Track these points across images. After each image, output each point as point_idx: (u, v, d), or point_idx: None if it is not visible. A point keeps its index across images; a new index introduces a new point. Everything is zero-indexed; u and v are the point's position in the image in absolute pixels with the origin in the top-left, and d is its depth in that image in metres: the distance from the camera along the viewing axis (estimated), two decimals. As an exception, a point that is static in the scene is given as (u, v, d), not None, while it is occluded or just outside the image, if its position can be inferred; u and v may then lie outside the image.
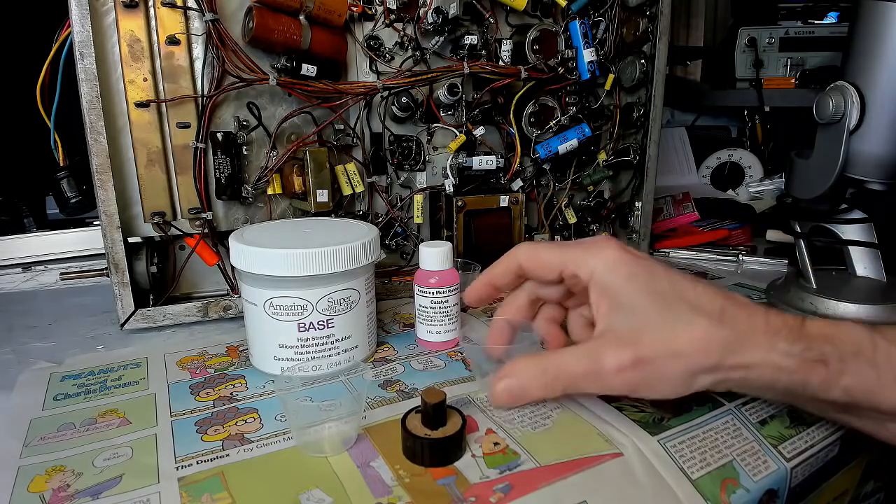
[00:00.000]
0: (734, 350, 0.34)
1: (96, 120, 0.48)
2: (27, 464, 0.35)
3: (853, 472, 0.46)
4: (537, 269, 0.41)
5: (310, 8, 0.51)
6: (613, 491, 0.33)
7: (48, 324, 0.58)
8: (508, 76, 0.60)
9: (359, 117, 0.58)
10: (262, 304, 0.44)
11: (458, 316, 0.51)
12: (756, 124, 1.14)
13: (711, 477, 0.35)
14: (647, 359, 0.34)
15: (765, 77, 1.09)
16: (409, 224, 0.64)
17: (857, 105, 0.53)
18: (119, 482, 0.34)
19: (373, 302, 0.48)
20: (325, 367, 0.45)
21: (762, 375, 0.34)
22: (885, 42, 0.52)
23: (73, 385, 0.45)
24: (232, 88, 0.51)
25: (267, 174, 0.55)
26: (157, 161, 0.52)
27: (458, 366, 0.48)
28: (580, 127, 0.65)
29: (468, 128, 0.62)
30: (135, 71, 0.50)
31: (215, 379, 0.46)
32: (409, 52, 0.58)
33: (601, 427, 0.38)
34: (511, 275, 0.42)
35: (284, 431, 0.38)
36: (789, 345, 0.33)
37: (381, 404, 0.41)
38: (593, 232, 0.72)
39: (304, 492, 0.32)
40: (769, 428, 0.40)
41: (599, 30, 0.65)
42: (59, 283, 0.69)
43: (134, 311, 0.53)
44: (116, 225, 0.51)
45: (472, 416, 0.39)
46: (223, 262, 0.56)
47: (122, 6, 0.49)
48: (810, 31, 1.07)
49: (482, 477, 0.33)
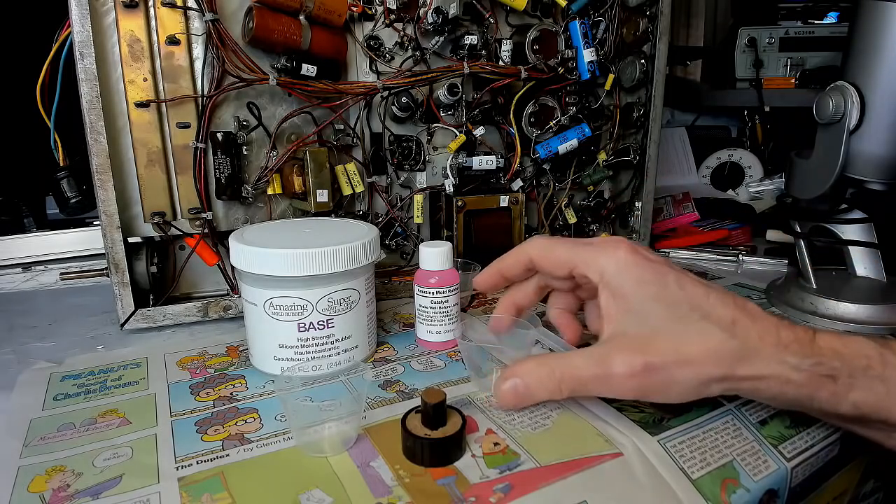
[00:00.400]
0: (744, 361, 0.34)
1: (96, 120, 0.48)
2: (27, 464, 0.35)
3: (853, 471, 0.46)
4: (548, 265, 0.41)
5: (310, 8, 0.51)
6: (613, 491, 0.33)
7: (48, 324, 0.58)
8: (508, 76, 0.60)
9: (359, 117, 0.58)
10: (262, 304, 0.44)
11: (458, 316, 0.51)
12: (756, 124, 1.14)
13: (711, 477, 0.35)
14: (657, 365, 0.34)
15: (765, 77, 1.09)
16: (409, 224, 0.64)
17: (857, 105, 0.53)
18: (119, 482, 0.34)
19: (373, 302, 0.48)
20: (325, 367, 0.45)
21: (771, 387, 0.34)
22: (885, 42, 0.52)
23: (73, 385, 0.45)
24: (232, 88, 0.51)
25: (267, 174, 0.55)
26: (157, 161, 0.52)
27: (458, 366, 0.48)
28: (580, 127, 0.65)
29: (468, 128, 0.62)
30: (135, 71, 0.50)
31: (215, 379, 0.46)
32: (409, 52, 0.58)
33: (601, 427, 0.38)
34: (521, 267, 0.43)
35: (284, 431, 0.38)
36: (799, 359, 0.34)
37: (381, 404, 0.41)
38: (593, 232, 0.72)
39: (304, 492, 0.32)
40: (769, 428, 0.40)
41: (599, 30, 0.65)
42: (59, 283, 0.69)
43: (134, 311, 0.53)
44: (116, 225, 0.51)
45: (472, 416, 0.39)
46: (223, 262, 0.56)
47: (122, 6, 0.49)
48: (810, 31, 1.07)
49: (482, 477, 0.33)
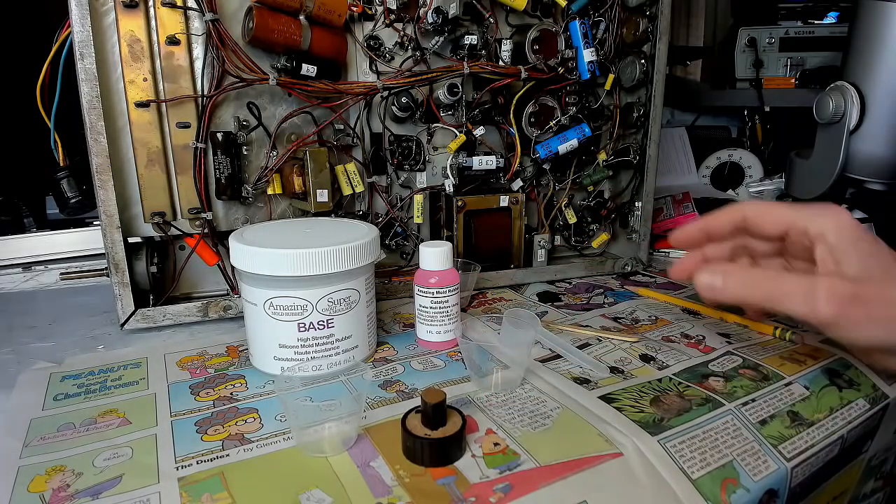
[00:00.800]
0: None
1: (96, 120, 0.49)
2: (27, 464, 0.35)
3: (853, 471, 0.46)
4: (765, 222, 0.43)
5: (310, 8, 0.51)
6: (613, 491, 0.33)
7: (48, 324, 0.58)
8: (508, 76, 0.60)
9: (359, 117, 0.58)
10: (262, 304, 0.44)
11: (458, 316, 0.51)
12: (756, 124, 1.14)
13: (711, 477, 0.35)
14: (864, 297, 0.37)
15: (765, 77, 1.09)
16: (409, 224, 0.64)
17: (857, 105, 0.53)
18: (119, 482, 0.34)
19: (373, 302, 0.48)
20: (325, 367, 0.45)
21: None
22: (885, 42, 0.52)
23: (73, 385, 0.45)
24: (232, 88, 0.51)
25: (267, 174, 0.55)
26: (157, 161, 0.52)
27: (458, 366, 0.48)
28: (580, 127, 0.65)
29: (468, 128, 0.62)
30: (135, 71, 0.50)
31: (215, 379, 0.46)
32: (409, 52, 0.58)
33: (601, 427, 0.38)
34: (731, 225, 0.45)
35: (284, 431, 0.38)
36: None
37: (381, 404, 0.41)
38: (593, 232, 0.72)
39: (304, 492, 0.32)
40: (769, 428, 0.40)
41: (599, 30, 0.65)
42: (59, 283, 0.69)
43: (134, 311, 0.53)
44: (116, 225, 0.51)
45: (472, 416, 0.39)
46: (223, 262, 0.56)
47: (122, 6, 0.49)
48: (810, 31, 1.07)
49: (482, 477, 0.33)
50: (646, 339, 0.52)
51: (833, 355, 0.48)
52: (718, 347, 0.50)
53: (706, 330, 0.54)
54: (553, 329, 0.54)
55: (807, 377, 0.45)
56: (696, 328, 0.54)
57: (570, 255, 0.73)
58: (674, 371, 0.46)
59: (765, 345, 0.51)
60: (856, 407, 0.43)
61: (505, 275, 0.66)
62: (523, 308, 0.61)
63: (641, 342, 0.51)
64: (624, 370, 0.47)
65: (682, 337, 0.53)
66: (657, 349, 0.50)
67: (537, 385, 0.44)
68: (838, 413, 0.42)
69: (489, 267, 0.65)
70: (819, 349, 0.49)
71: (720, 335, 0.52)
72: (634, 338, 0.52)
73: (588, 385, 0.44)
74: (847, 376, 0.46)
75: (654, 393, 0.43)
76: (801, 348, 0.50)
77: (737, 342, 0.51)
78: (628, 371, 0.46)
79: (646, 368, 0.47)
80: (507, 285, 0.67)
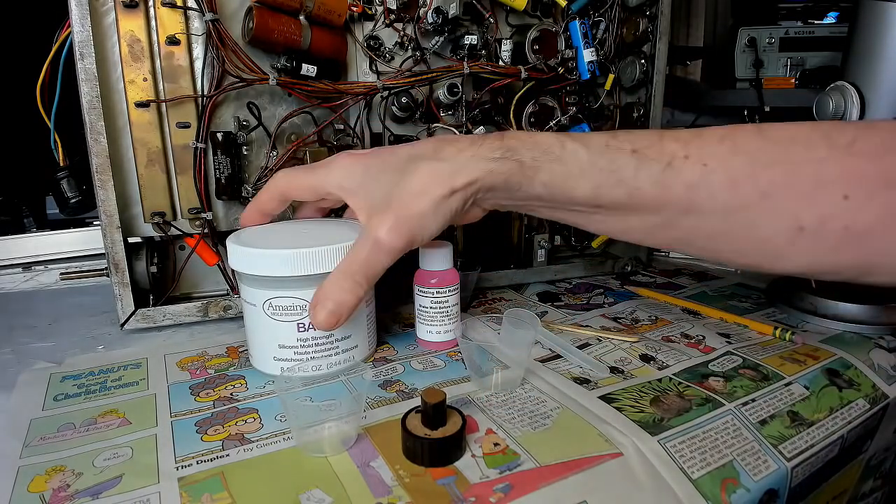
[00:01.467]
0: (457, 173, 0.40)
1: (96, 120, 0.48)
2: (27, 464, 0.35)
3: (852, 471, 0.46)
4: (297, 194, 0.46)
5: (310, 8, 0.51)
6: (613, 491, 0.33)
7: (48, 324, 0.58)
8: (508, 76, 0.60)
9: (359, 117, 0.58)
10: (262, 305, 0.44)
11: (458, 316, 0.51)
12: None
13: (711, 477, 0.35)
14: (402, 210, 0.40)
15: (765, 77, 1.08)
16: (409, 224, 0.64)
17: (857, 105, 0.53)
18: (119, 482, 0.34)
19: (372, 302, 0.48)
20: (325, 367, 0.45)
21: (485, 184, 0.40)
22: (885, 42, 0.52)
23: (73, 385, 0.45)
24: (232, 88, 0.51)
25: (267, 174, 0.54)
26: (157, 161, 0.52)
27: (458, 366, 0.48)
28: (580, 127, 0.65)
29: (468, 128, 0.62)
30: (135, 71, 0.50)
31: (215, 379, 0.46)
32: (409, 52, 0.58)
33: (601, 427, 0.38)
34: (278, 201, 0.47)
35: (284, 431, 0.38)
36: (490, 152, 0.40)
37: (381, 404, 0.41)
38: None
39: (304, 492, 0.32)
40: (769, 428, 0.40)
41: (599, 30, 0.65)
42: (59, 283, 0.69)
43: (134, 311, 0.53)
44: (116, 225, 0.51)
45: (472, 416, 0.39)
46: (223, 262, 0.56)
47: (122, 6, 0.49)
48: (810, 31, 1.07)
49: (482, 477, 0.33)
50: (646, 339, 0.52)
51: (833, 355, 0.48)
52: (718, 347, 0.50)
53: (706, 330, 0.54)
54: (553, 329, 0.54)
55: (807, 377, 0.45)
56: (696, 328, 0.54)
57: (570, 255, 0.73)
58: (674, 371, 0.46)
59: (765, 345, 0.51)
60: (856, 407, 0.43)
61: (505, 275, 0.67)
62: (523, 308, 0.61)
63: (641, 342, 0.51)
64: (624, 370, 0.47)
65: (682, 337, 0.53)
66: (657, 349, 0.50)
67: (537, 385, 0.44)
68: (838, 413, 0.42)
69: (489, 267, 0.65)
70: (819, 349, 0.49)
71: (720, 335, 0.52)
72: (634, 338, 0.52)
73: (588, 385, 0.44)
74: (847, 376, 0.46)
75: (654, 393, 0.43)
76: (801, 348, 0.50)
77: (737, 342, 0.51)
78: (628, 371, 0.46)
79: (646, 368, 0.47)
80: (507, 285, 0.67)
